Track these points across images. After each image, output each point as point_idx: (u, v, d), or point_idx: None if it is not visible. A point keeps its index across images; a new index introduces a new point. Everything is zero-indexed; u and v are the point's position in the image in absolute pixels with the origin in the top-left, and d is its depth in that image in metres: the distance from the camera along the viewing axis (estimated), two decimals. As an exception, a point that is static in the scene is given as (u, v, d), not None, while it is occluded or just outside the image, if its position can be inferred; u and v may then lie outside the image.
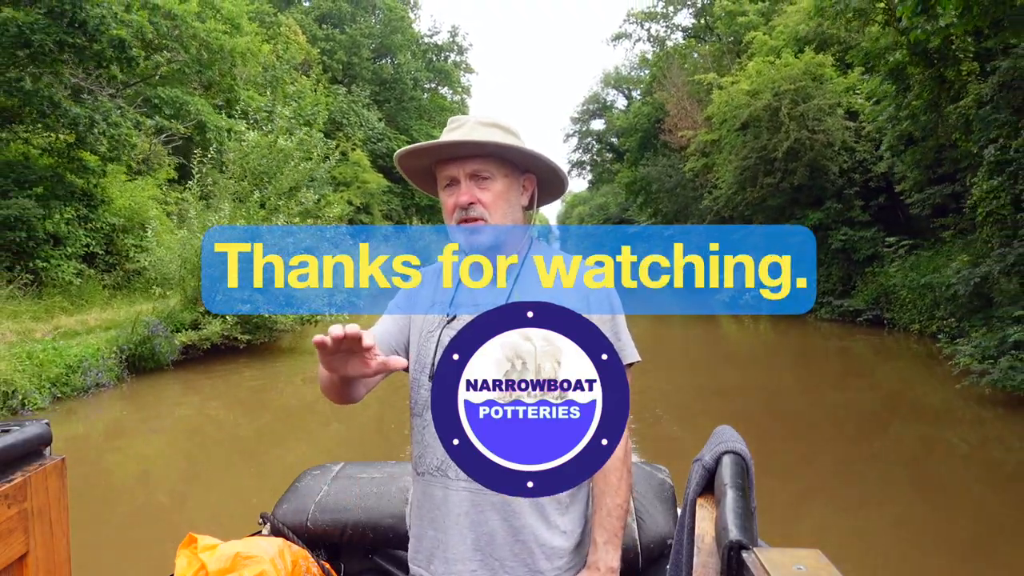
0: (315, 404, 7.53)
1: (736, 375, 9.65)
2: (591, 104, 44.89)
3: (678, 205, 22.41)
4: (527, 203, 1.32)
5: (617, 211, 44.30)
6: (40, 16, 8.33)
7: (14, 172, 9.69)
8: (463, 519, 1.20)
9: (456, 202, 1.24)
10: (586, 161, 44.98)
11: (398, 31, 36.39)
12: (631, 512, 1.76)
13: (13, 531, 1.09)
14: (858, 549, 3.87)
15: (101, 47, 8.79)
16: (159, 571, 1.71)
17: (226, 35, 16.69)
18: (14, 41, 8.45)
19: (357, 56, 33.77)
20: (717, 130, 16.57)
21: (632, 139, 28.74)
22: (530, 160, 1.28)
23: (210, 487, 5.36)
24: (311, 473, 2.03)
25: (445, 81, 39.95)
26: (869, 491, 5.10)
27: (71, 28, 8.54)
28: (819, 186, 14.38)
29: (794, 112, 13.90)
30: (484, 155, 1.24)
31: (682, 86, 19.53)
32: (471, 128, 1.26)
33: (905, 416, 7.50)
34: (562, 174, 1.32)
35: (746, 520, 0.56)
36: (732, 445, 0.68)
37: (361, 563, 1.86)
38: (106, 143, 9.75)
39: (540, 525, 1.20)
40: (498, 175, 1.25)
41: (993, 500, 4.99)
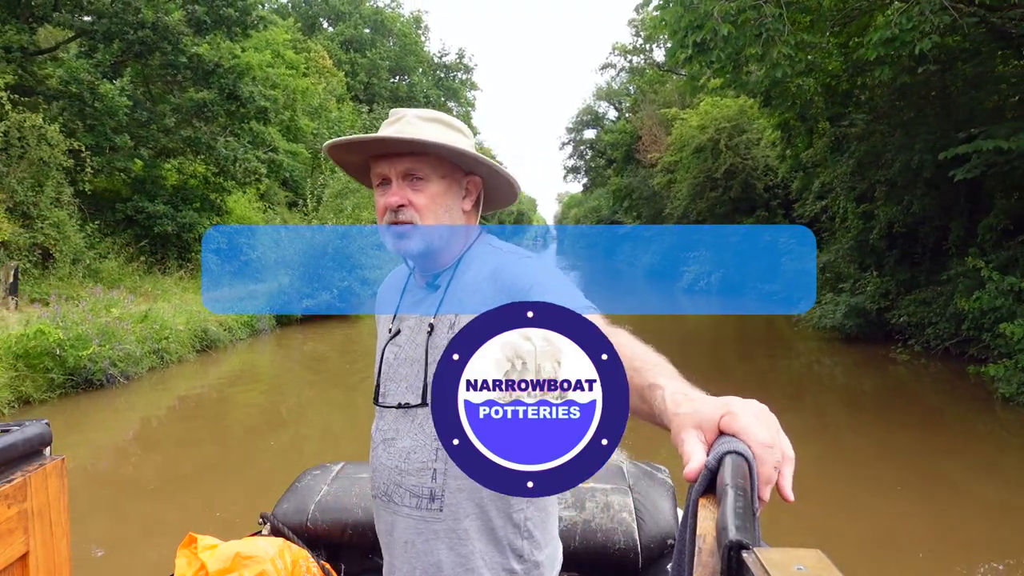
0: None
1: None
2: (585, 115, 48.93)
3: (653, 211, 26.95)
4: (470, 207, 1.20)
5: (608, 213, 48.16)
6: (215, 95, 12.82)
7: (179, 193, 14.19)
8: (409, 547, 1.14)
9: (386, 203, 1.13)
10: (580, 167, 48.90)
11: (411, 53, 40.88)
12: (631, 512, 1.78)
13: (13, 531, 1.07)
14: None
15: (248, 111, 13.28)
16: (159, 571, 1.75)
17: (291, 77, 21.17)
18: (194, 111, 12.95)
19: (377, 77, 38.22)
20: (678, 153, 21.10)
21: (618, 151, 33.22)
22: (471, 162, 1.16)
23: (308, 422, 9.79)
24: (311, 473, 2.04)
25: (453, 97, 44.45)
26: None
27: (231, 100, 13.04)
28: (750, 198, 18.93)
29: (730, 143, 18.44)
30: (419, 153, 1.12)
31: (653, 115, 24.09)
32: (407, 123, 1.14)
33: (774, 346, 12.09)
34: (510, 179, 1.19)
35: (746, 520, 0.53)
36: (735, 445, 0.62)
37: (361, 563, 1.87)
38: (240, 173, 14.25)
39: (491, 550, 1.12)
40: (433, 176, 1.13)
41: (817, 399, 9.49)
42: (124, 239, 13.01)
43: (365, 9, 39.85)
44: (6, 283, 9.73)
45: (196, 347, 9.79)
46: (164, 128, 13.11)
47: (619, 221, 41.58)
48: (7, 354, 6.64)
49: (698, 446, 0.65)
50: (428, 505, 1.13)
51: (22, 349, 6.75)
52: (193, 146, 13.47)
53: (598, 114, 48.33)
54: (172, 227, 13.30)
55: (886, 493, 5.11)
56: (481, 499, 1.12)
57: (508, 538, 1.13)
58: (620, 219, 40.76)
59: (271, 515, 1.87)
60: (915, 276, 11.19)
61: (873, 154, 11.22)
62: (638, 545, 1.70)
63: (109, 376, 7.56)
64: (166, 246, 13.61)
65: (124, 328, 8.03)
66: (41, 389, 6.92)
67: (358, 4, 39.86)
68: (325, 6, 39.48)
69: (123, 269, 12.34)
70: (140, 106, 12.56)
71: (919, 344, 10.01)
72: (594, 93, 50.17)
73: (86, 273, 11.45)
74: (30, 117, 10.44)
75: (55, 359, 7.02)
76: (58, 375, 7.07)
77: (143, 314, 8.86)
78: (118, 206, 13.14)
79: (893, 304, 11.12)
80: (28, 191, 10.77)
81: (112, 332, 7.78)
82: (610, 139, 35.50)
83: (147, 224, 13.17)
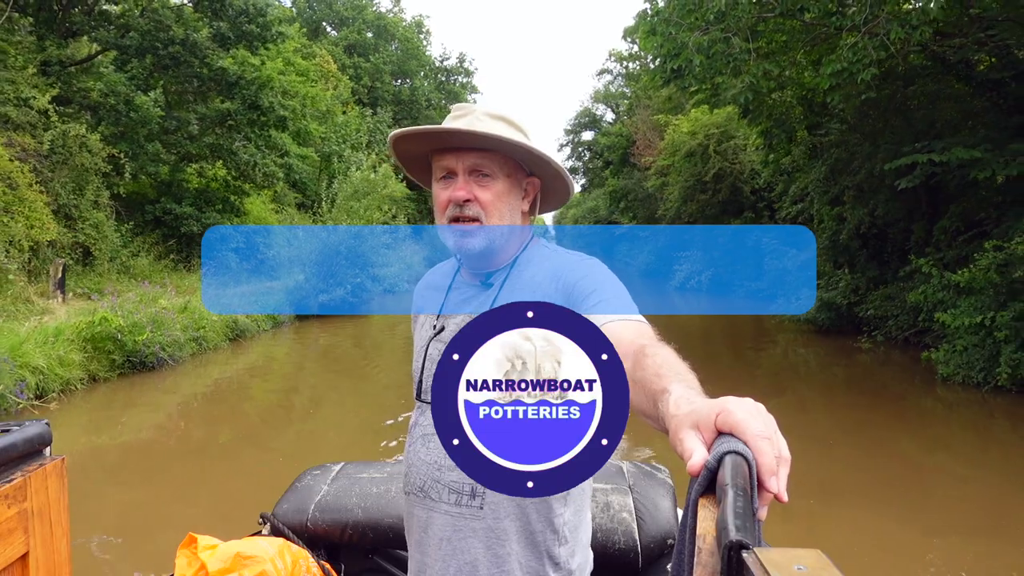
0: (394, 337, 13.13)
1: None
2: (583, 117, 49.83)
3: (648, 212, 28.00)
4: (527, 208, 1.22)
5: (606, 214, 49.00)
6: (238, 104, 13.85)
7: (203, 196, 15.22)
8: (445, 545, 1.14)
9: (451, 196, 1.14)
10: (579, 168, 49.67)
11: (413, 57, 41.90)
12: (631, 512, 1.78)
13: (13, 531, 1.08)
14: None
15: (268, 119, 14.32)
16: (159, 571, 1.78)
17: (301, 84, 22.14)
18: (218, 119, 13.98)
19: (380, 81, 39.21)
20: (670, 157, 22.14)
21: (614, 154, 34.28)
22: (537, 162, 1.17)
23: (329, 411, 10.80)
24: (311, 473, 2.05)
25: (453, 100, 45.34)
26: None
27: (252, 110, 14.07)
28: (737, 201, 19.99)
29: (719, 148, 19.48)
30: (488, 150, 1.13)
31: (647, 120, 25.14)
32: (476, 118, 1.15)
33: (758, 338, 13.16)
34: (568, 180, 1.21)
35: (746, 520, 0.53)
36: (735, 445, 0.62)
37: (361, 563, 1.89)
38: (260, 177, 15.27)
39: (528, 553, 1.12)
40: (500, 174, 1.15)
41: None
42: (153, 238, 14.04)
43: (368, 14, 40.91)
44: (55, 278, 10.75)
45: (229, 336, 10.82)
46: (189, 135, 14.14)
47: (616, 221, 42.41)
48: (78, 338, 7.67)
49: (697, 443, 0.65)
50: (469, 502, 1.13)
51: (90, 334, 7.77)
52: (216, 152, 14.50)
53: (596, 116, 49.09)
54: (197, 227, 14.33)
55: (853, 468, 5.71)
56: (523, 500, 1.11)
57: (546, 543, 1.12)
58: (617, 219, 41.70)
59: (271, 515, 1.87)
60: (883, 273, 12.23)
61: (843, 161, 12.27)
62: (638, 545, 1.71)
63: (159, 359, 8.59)
64: (191, 245, 14.64)
65: (170, 318, 9.06)
66: (105, 369, 7.95)
67: (361, 9, 40.91)
68: (329, 11, 40.53)
69: (153, 266, 13.37)
70: (169, 115, 13.60)
71: (882, 335, 11.06)
72: (592, 96, 51.17)
73: (121, 270, 12.48)
74: (74, 127, 11.45)
75: (116, 343, 8.04)
76: (118, 357, 8.10)
77: (184, 305, 9.88)
78: (147, 208, 14.17)
79: (862, 299, 12.16)
80: (70, 194, 11.79)
81: (160, 321, 8.81)
82: (607, 142, 36.57)
83: (174, 224, 14.21)
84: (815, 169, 13.62)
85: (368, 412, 7.60)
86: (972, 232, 9.02)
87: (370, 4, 41.80)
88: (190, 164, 15.33)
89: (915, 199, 11.32)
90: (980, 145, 7.61)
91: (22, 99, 11.23)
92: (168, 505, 4.70)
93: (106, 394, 7.66)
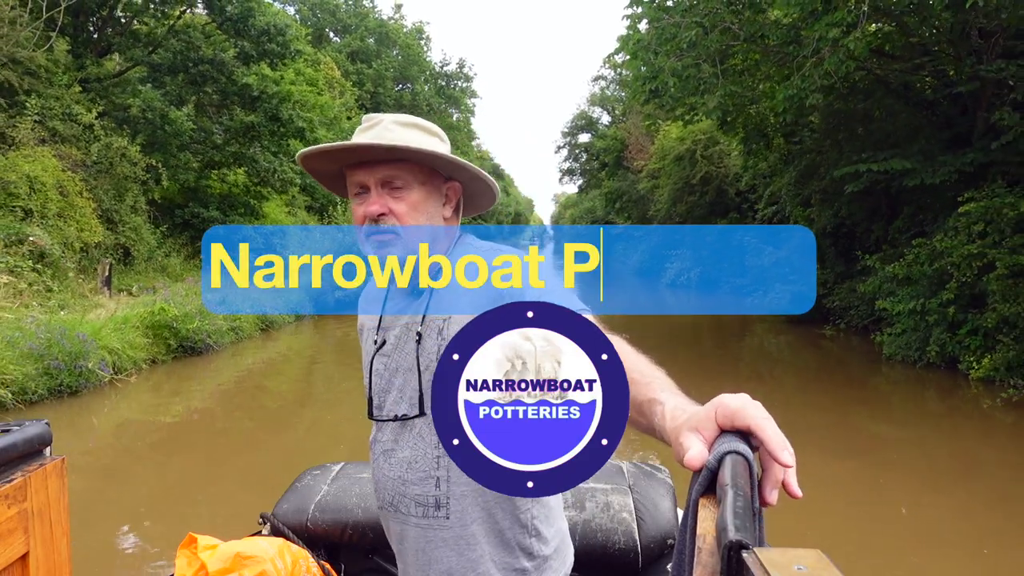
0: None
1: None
2: (579, 120, 50.84)
3: (641, 213, 29.31)
4: (450, 214, 1.20)
5: (603, 214, 50.16)
6: (260, 117, 15.12)
7: (227, 200, 16.48)
8: (420, 555, 1.16)
9: (365, 212, 1.12)
10: (576, 169, 50.86)
11: (414, 63, 43.18)
12: (631, 512, 1.79)
13: (13, 531, 1.07)
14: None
15: (287, 131, 15.59)
16: (159, 571, 1.65)
17: (311, 94, 23.40)
18: (242, 130, 15.24)
19: (382, 87, 40.47)
20: (660, 161, 23.43)
21: (609, 156, 35.53)
22: (451, 167, 1.15)
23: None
24: (311, 473, 2.05)
25: (454, 104, 46.76)
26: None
27: (273, 122, 15.34)
28: (723, 202, 21.29)
29: (705, 153, 20.78)
30: (398, 160, 1.11)
31: (639, 125, 26.43)
32: (385, 128, 1.14)
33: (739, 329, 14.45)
34: (490, 182, 1.20)
35: (747, 520, 0.53)
36: (735, 445, 0.63)
37: (361, 563, 1.89)
38: (278, 182, 16.54)
39: (500, 551, 1.14)
40: (414, 183, 1.13)
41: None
42: (182, 240, 15.28)
43: (370, 22, 42.21)
44: (102, 276, 12.01)
45: (260, 326, 12.09)
46: (214, 144, 15.40)
47: (612, 221, 43.54)
48: (142, 325, 8.93)
49: (697, 442, 0.66)
50: (434, 513, 1.14)
51: (151, 322, 9.04)
52: (238, 159, 15.76)
53: (592, 119, 50.19)
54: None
55: (818, 441, 6.22)
56: (487, 502, 1.14)
57: (516, 538, 1.15)
58: (613, 219, 42.88)
59: (271, 515, 1.88)
60: (848, 269, 13.52)
61: (812, 167, 13.56)
62: (638, 545, 1.71)
63: (206, 345, 9.86)
64: (217, 246, 15.91)
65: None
66: (162, 353, 9.21)
67: (363, 17, 42.22)
68: (332, 19, 41.81)
69: (184, 265, 14.61)
70: (198, 126, 14.87)
71: (844, 323, 12.36)
72: (588, 99, 52.34)
73: (157, 268, 13.73)
74: (117, 140, 12.70)
75: (171, 330, 9.30)
76: (173, 342, 9.37)
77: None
78: (177, 212, 15.42)
79: (830, 292, 13.45)
80: (112, 200, 13.03)
81: (205, 312, 10.07)
82: (602, 144, 37.82)
83: (202, 227, 15.45)
84: (787, 174, 14.91)
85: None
86: (914, 231, 10.31)
87: (372, 11, 43.12)
88: (213, 171, 16.59)
89: (876, 202, 12.61)
90: (914, 156, 8.89)
91: (69, 114, 12.48)
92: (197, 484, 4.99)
93: (165, 372, 8.93)
